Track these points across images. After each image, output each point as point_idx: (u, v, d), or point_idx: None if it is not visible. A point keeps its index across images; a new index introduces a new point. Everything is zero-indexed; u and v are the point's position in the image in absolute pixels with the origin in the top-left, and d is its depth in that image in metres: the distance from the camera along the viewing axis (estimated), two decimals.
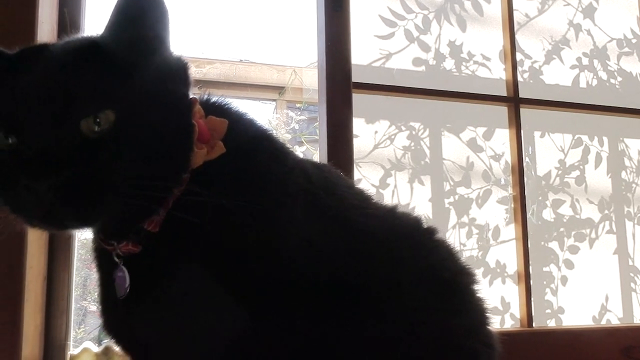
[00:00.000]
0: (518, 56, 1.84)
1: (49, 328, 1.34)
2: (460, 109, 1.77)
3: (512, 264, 1.74)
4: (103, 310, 0.75)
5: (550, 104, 1.86)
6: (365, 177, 1.63)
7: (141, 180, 0.62)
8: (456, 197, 1.72)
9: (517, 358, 1.58)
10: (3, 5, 1.26)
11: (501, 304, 1.71)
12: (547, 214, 1.83)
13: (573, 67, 1.92)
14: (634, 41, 2.01)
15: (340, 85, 1.57)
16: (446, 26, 1.79)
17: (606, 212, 1.88)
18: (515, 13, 1.85)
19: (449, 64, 1.78)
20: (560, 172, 1.86)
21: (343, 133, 1.55)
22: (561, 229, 1.83)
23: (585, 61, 1.94)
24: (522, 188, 1.75)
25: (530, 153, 1.85)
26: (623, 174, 1.94)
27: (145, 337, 0.71)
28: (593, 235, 1.86)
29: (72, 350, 1.37)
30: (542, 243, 1.81)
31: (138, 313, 0.70)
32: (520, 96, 1.81)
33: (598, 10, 1.97)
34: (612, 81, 1.97)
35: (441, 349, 0.74)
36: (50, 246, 1.36)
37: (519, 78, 1.83)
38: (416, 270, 0.76)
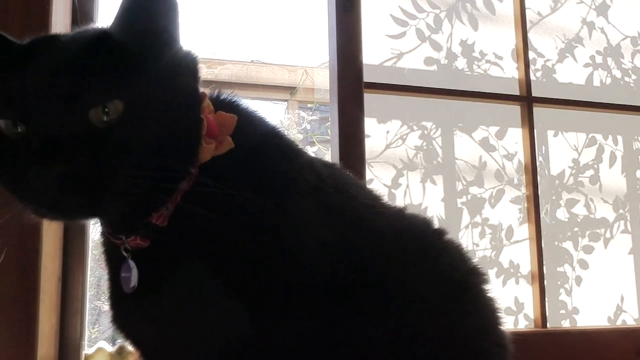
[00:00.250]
0: (531, 55, 1.83)
1: (64, 328, 1.35)
2: (472, 108, 1.76)
3: (526, 264, 1.73)
4: (112, 304, 0.75)
5: (563, 103, 1.84)
6: (377, 177, 1.63)
7: (148, 171, 0.62)
8: (469, 197, 1.72)
9: (531, 359, 1.57)
10: None
11: (515, 305, 1.70)
12: (561, 214, 1.81)
13: (586, 66, 1.91)
14: None
15: (351, 85, 1.57)
16: (458, 25, 1.78)
17: (621, 212, 1.86)
18: (527, 11, 1.84)
19: (461, 63, 1.77)
20: (574, 172, 1.85)
21: (355, 133, 1.55)
22: (575, 229, 1.82)
23: (599, 59, 1.92)
24: (536, 187, 1.74)
25: (543, 152, 1.84)
26: (638, 173, 1.92)
27: (151, 332, 0.71)
28: (608, 235, 1.84)
29: (87, 349, 1.38)
30: (556, 243, 1.79)
31: (144, 308, 0.70)
32: (533, 95, 1.79)
33: (612, 7, 1.95)
34: (627, 79, 1.95)
35: (452, 350, 0.73)
36: (64, 247, 1.37)
37: (532, 77, 1.81)
38: (426, 270, 0.76)
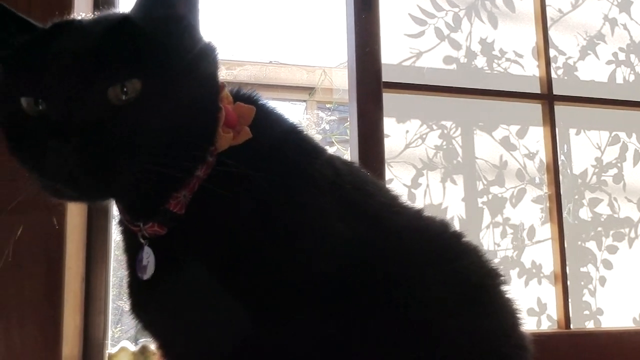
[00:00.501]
0: (552, 52, 1.81)
1: (88, 327, 1.37)
2: (492, 107, 1.74)
3: (549, 265, 1.70)
4: (130, 292, 0.75)
5: (585, 101, 1.82)
6: (396, 177, 1.62)
7: (164, 152, 0.63)
8: (490, 197, 1.70)
9: None
10: None
11: (537, 305, 1.68)
12: (584, 213, 1.79)
13: (609, 63, 1.88)
14: None
15: (370, 84, 1.57)
16: (477, 23, 1.77)
17: None
18: (548, 9, 1.82)
19: (481, 62, 1.76)
20: (597, 170, 1.82)
21: (374, 133, 1.55)
22: (599, 229, 1.79)
23: (621, 56, 1.89)
24: (558, 187, 1.72)
25: (565, 151, 1.82)
26: None
27: (167, 322, 0.71)
28: (632, 234, 1.81)
29: (110, 349, 1.39)
30: (579, 243, 1.77)
31: (160, 296, 0.70)
32: (554, 93, 1.77)
33: (634, 3, 1.92)
34: None
35: (470, 352, 0.72)
36: (87, 248, 1.39)
37: (553, 75, 1.79)
38: (443, 272, 0.75)
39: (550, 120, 1.75)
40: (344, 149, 3.27)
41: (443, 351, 0.71)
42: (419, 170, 1.65)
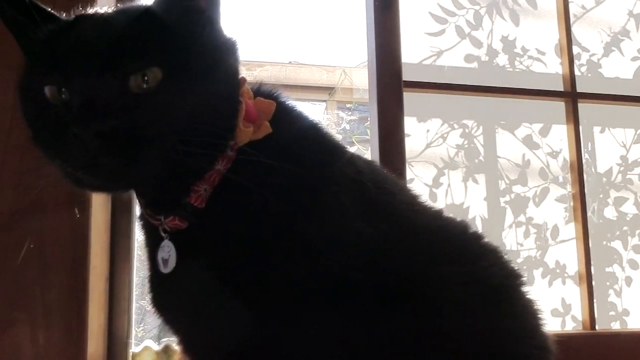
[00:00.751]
0: (575, 49, 1.78)
1: (112, 327, 1.39)
2: (514, 106, 1.72)
3: (573, 265, 1.68)
4: (150, 286, 0.76)
5: (610, 98, 1.79)
6: (417, 177, 1.61)
7: (183, 140, 0.63)
8: (512, 196, 1.68)
9: None
10: None
11: (562, 306, 1.66)
12: (609, 212, 1.76)
13: (634, 59, 1.85)
14: None
15: (390, 84, 1.56)
16: (498, 21, 1.75)
17: None
18: (570, 5, 1.79)
19: (502, 60, 1.74)
20: (622, 169, 1.79)
21: (394, 132, 1.54)
22: (624, 228, 1.76)
23: None
24: (582, 186, 1.70)
25: (589, 149, 1.79)
26: None
27: (186, 316, 0.71)
28: None
29: (134, 348, 1.41)
30: (604, 242, 1.74)
31: (180, 290, 0.70)
32: (577, 91, 1.75)
33: None
34: None
35: (490, 354, 0.71)
36: (111, 248, 1.41)
37: (576, 72, 1.77)
38: (463, 273, 0.74)
39: (573, 118, 1.73)
40: (365, 149, 3.27)
41: (462, 352, 0.70)
42: (440, 169, 1.64)
